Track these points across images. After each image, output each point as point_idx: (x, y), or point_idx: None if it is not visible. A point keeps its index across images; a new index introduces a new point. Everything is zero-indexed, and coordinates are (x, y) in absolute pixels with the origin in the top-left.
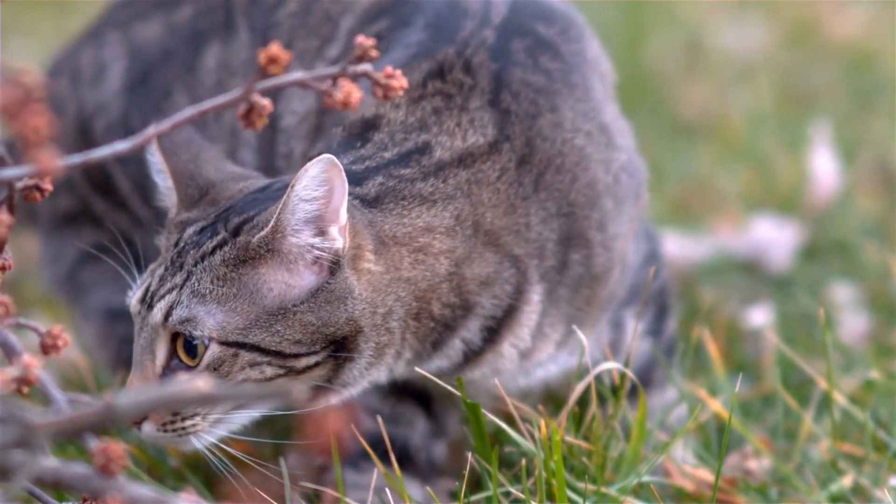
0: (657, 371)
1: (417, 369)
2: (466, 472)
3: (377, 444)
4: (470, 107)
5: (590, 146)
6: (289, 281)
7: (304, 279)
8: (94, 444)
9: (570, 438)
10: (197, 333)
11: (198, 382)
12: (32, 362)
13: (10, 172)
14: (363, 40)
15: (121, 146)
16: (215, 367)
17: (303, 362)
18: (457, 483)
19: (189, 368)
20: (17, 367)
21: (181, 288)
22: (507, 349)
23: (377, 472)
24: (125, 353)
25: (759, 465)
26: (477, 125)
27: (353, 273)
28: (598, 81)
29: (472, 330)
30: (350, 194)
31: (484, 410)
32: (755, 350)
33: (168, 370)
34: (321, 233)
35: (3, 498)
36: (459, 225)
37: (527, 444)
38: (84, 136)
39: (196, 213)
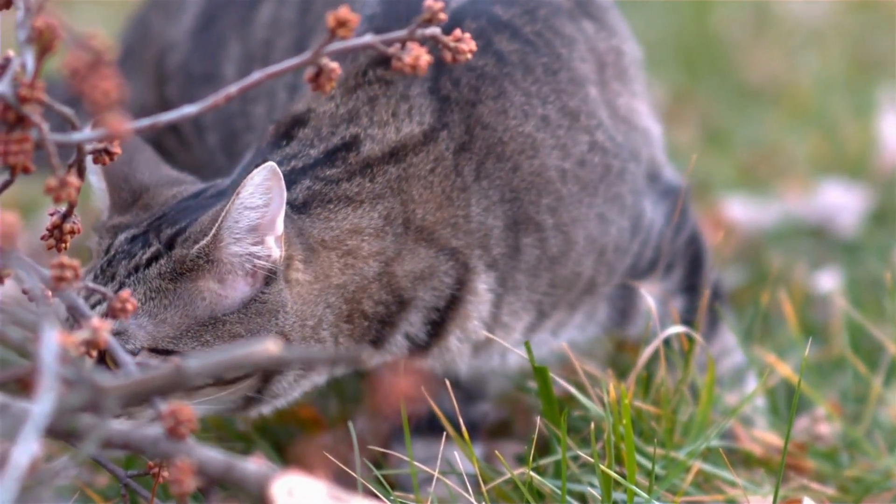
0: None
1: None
2: (535, 437)
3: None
4: (411, 94)
5: (541, 132)
6: (221, 291)
7: (238, 290)
8: (163, 406)
9: (638, 403)
10: (129, 347)
11: (267, 344)
12: (102, 325)
13: (79, 136)
14: (431, 4)
15: (189, 109)
16: None
17: (231, 374)
18: (525, 447)
19: None
20: (87, 330)
21: None
22: (454, 343)
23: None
24: None
25: (830, 429)
26: (414, 113)
27: (286, 285)
28: (585, 61)
29: (414, 324)
30: None
31: (552, 374)
32: (824, 315)
33: None
34: (259, 243)
35: (72, 462)
36: (389, 224)
37: (596, 409)
38: (158, 70)
39: (128, 219)
